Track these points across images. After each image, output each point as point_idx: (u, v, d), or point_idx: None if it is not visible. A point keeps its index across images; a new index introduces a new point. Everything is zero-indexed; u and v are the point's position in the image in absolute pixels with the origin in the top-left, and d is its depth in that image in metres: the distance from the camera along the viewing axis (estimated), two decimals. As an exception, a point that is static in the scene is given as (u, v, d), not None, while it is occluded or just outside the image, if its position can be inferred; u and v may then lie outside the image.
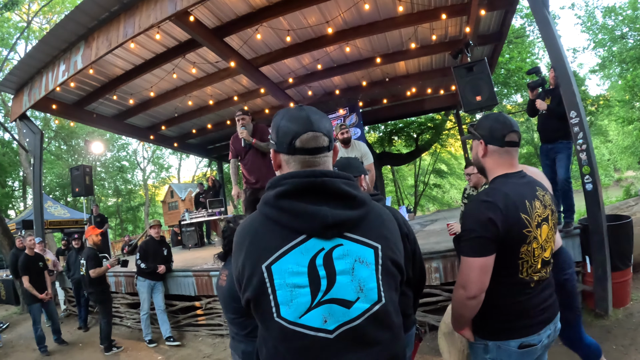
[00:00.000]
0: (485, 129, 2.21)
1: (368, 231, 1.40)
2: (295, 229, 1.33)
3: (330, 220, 1.31)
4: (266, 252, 1.31)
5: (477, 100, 7.06)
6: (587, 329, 5.03)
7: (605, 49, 22.68)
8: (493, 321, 2.12)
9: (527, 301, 2.10)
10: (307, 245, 1.32)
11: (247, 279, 1.33)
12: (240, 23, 8.29)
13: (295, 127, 1.42)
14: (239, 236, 1.42)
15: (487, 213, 1.99)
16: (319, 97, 13.08)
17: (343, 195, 1.38)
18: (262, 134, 6.43)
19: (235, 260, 1.40)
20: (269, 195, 1.38)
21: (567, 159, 5.99)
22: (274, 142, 1.48)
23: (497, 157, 2.20)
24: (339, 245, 1.34)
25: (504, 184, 2.13)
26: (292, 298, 1.29)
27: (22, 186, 30.33)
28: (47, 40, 8.45)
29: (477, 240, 2.00)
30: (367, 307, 1.33)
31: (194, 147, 17.24)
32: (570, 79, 5.61)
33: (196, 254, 10.14)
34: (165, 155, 42.25)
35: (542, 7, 5.74)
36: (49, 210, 17.10)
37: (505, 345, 2.08)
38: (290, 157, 1.44)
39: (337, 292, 1.31)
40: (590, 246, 5.43)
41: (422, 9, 8.59)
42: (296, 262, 1.30)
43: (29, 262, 7.64)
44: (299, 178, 1.37)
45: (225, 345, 6.52)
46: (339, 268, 1.32)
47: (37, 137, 10.26)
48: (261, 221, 1.39)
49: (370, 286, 1.35)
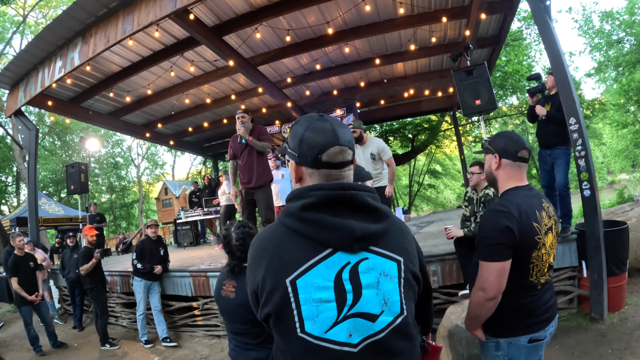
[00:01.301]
0: (500, 145, 2.40)
1: (391, 244, 1.39)
2: (322, 242, 1.29)
3: (359, 233, 1.29)
4: (290, 266, 1.28)
5: (477, 104, 7.05)
6: (582, 333, 5.08)
7: (601, 53, 22.76)
8: (505, 320, 2.29)
9: (534, 302, 2.31)
10: (333, 259, 1.29)
11: (268, 294, 1.29)
12: (239, 22, 8.27)
13: (321, 141, 1.38)
14: (257, 248, 1.38)
15: (504, 222, 2.17)
16: (317, 97, 13.09)
17: (369, 209, 1.37)
18: (259, 133, 6.48)
19: (253, 273, 1.36)
20: (293, 206, 1.34)
21: (566, 165, 6.02)
22: (295, 153, 1.42)
23: (509, 170, 2.39)
24: (364, 259, 1.32)
25: (516, 195, 2.30)
26: (318, 313, 1.26)
27: (16, 182, 30.19)
28: (43, 36, 8.38)
29: (496, 246, 2.18)
30: (391, 320, 1.34)
31: (190, 145, 17.23)
32: (570, 85, 5.63)
33: (192, 253, 10.10)
34: (160, 152, 42.09)
35: (543, 14, 5.76)
36: (43, 207, 16.99)
37: (516, 341, 2.28)
38: (314, 170, 1.40)
39: (363, 306, 1.30)
40: (586, 251, 5.46)
41: (422, 11, 8.61)
42: (322, 276, 1.27)
43: (18, 262, 7.35)
44: (327, 190, 1.32)
45: (222, 346, 6.48)
46: (365, 282, 1.31)
47: (32, 133, 10.20)
48: (284, 233, 1.34)
49: (394, 299, 1.36)
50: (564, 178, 5.97)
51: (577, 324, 5.42)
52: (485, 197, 5.13)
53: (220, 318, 6.84)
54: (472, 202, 5.45)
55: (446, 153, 28.23)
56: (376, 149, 6.83)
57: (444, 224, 9.05)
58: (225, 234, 3.00)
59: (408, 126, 20.53)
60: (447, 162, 29.94)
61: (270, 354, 2.68)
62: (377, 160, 6.84)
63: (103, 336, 7.16)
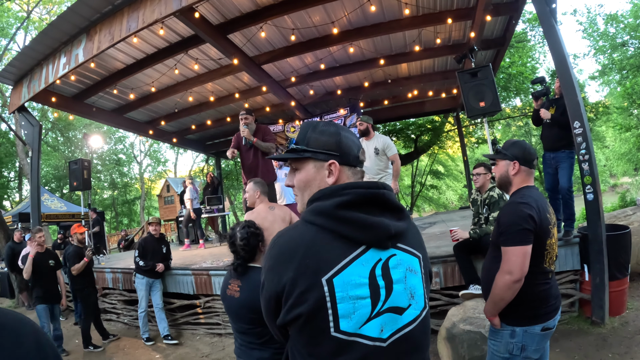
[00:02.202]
0: (519, 153, 2.72)
1: (412, 241, 1.45)
2: (355, 239, 1.31)
3: (393, 231, 1.33)
4: (326, 265, 1.27)
5: (481, 106, 7.03)
6: (583, 336, 5.08)
7: (605, 56, 22.71)
8: (522, 309, 2.54)
9: (548, 290, 2.60)
10: (366, 256, 1.31)
11: (301, 294, 1.26)
12: (244, 20, 8.27)
13: (356, 139, 1.52)
14: (284, 249, 1.35)
15: (526, 210, 2.49)
16: (320, 96, 13.08)
17: (395, 208, 1.42)
18: (264, 134, 6.45)
19: (278, 274, 1.32)
20: (324, 205, 1.33)
21: (570, 169, 6.02)
22: (335, 153, 1.45)
23: (525, 176, 2.74)
24: (393, 255, 1.36)
25: (529, 191, 2.67)
26: (354, 310, 1.26)
27: (18, 177, 30.26)
28: (48, 32, 8.36)
29: (521, 232, 2.47)
30: (417, 314, 1.39)
31: (193, 143, 17.20)
32: (576, 89, 5.63)
33: (194, 251, 10.13)
34: (162, 149, 42.16)
35: (549, 17, 5.75)
36: (46, 203, 17.06)
37: (531, 329, 2.53)
38: (354, 169, 1.48)
39: (394, 301, 1.33)
40: (589, 255, 5.48)
41: (427, 12, 8.60)
42: (358, 273, 1.28)
43: (35, 260, 6.80)
44: (362, 189, 1.35)
45: (223, 344, 6.49)
46: (395, 277, 1.34)
47: (35, 129, 10.20)
48: (315, 232, 1.32)
49: (419, 293, 1.41)
50: (567, 181, 5.97)
51: (578, 327, 5.42)
52: (490, 198, 5.14)
53: (221, 316, 6.85)
54: (476, 204, 5.46)
55: (449, 154, 28.22)
56: (381, 144, 6.85)
57: (446, 225, 9.10)
58: (231, 234, 2.99)
59: (411, 127, 20.53)
60: (449, 163, 29.93)
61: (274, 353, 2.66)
62: (380, 156, 6.86)
63: (85, 338, 7.10)
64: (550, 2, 5.72)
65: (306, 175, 1.49)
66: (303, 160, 1.49)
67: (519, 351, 2.55)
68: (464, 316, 4.74)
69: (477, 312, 4.68)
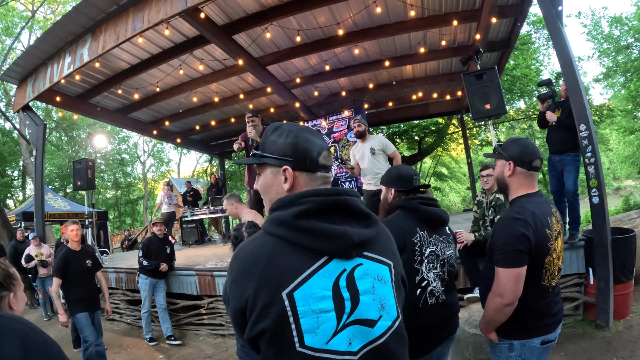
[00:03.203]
0: (515, 152, 2.46)
1: (381, 249, 1.39)
2: (317, 250, 1.24)
3: (357, 239, 1.27)
4: (286, 278, 1.20)
5: (486, 109, 7.02)
6: (588, 340, 5.07)
7: (610, 59, 22.67)
8: (519, 323, 2.37)
9: (546, 304, 2.42)
10: (329, 267, 1.24)
11: (263, 309, 1.19)
12: (249, 21, 8.27)
13: (317, 143, 1.40)
14: (245, 261, 1.27)
15: (520, 229, 2.25)
16: (325, 97, 13.08)
17: (361, 214, 1.36)
18: None
19: (241, 288, 1.24)
20: (283, 215, 1.27)
21: (575, 172, 6.01)
22: (289, 159, 1.38)
23: (522, 178, 2.46)
24: (359, 265, 1.30)
25: (529, 203, 2.39)
26: (318, 325, 1.20)
27: (22, 176, 30.31)
28: (53, 32, 8.37)
29: (513, 253, 2.26)
30: (389, 325, 1.32)
31: (197, 143, 17.22)
32: (582, 92, 5.61)
33: (197, 252, 10.13)
34: (166, 149, 42.19)
35: (555, 20, 5.73)
36: (49, 202, 17.04)
37: (529, 343, 2.39)
38: (312, 175, 1.38)
39: (361, 313, 1.27)
40: (594, 258, 5.47)
41: (433, 14, 8.60)
42: (320, 286, 1.22)
43: (69, 259, 5.67)
44: (322, 196, 1.29)
45: (227, 345, 6.49)
46: (362, 288, 1.28)
47: (39, 129, 10.21)
48: (275, 244, 1.25)
49: (390, 303, 1.35)
50: (573, 184, 5.96)
51: (582, 331, 5.41)
52: (496, 201, 5.12)
53: (225, 317, 6.85)
54: (482, 206, 5.45)
55: (452, 156, 28.17)
56: (377, 143, 6.79)
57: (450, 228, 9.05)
58: (237, 234, 2.95)
59: (415, 129, 20.50)
60: (453, 164, 29.89)
61: None
62: (377, 155, 6.79)
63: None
64: (556, 5, 5.70)
65: (265, 181, 1.46)
66: (262, 166, 1.46)
67: None
68: (469, 319, 4.73)
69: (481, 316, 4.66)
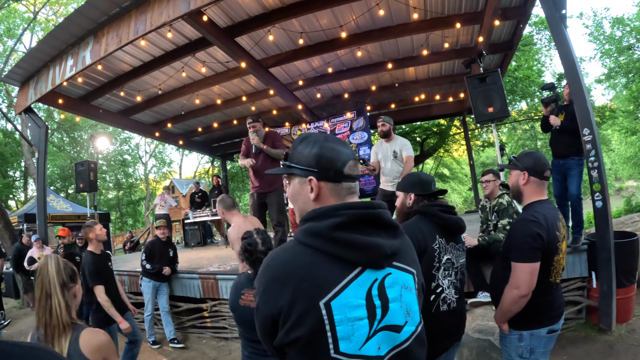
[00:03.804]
0: (530, 164, 2.78)
1: (406, 258, 1.46)
2: (352, 261, 1.29)
3: (388, 250, 1.32)
4: (323, 288, 1.25)
5: (489, 112, 7.01)
6: (591, 344, 5.07)
7: (611, 59, 22.66)
8: (528, 315, 2.66)
9: (551, 300, 2.74)
10: (363, 277, 1.30)
11: (299, 318, 1.24)
12: (252, 23, 8.26)
13: (342, 153, 1.42)
14: (279, 271, 1.31)
15: (535, 229, 2.57)
16: (327, 99, 13.05)
17: (390, 226, 1.40)
18: (273, 140, 6.40)
19: (273, 297, 1.29)
20: (319, 226, 1.31)
21: (579, 176, 6.01)
22: (313, 169, 1.41)
23: (535, 187, 2.79)
24: (388, 274, 1.36)
25: (541, 208, 2.71)
26: (353, 332, 1.26)
27: (24, 177, 30.34)
28: (55, 34, 8.35)
29: (530, 249, 2.56)
30: (413, 330, 1.41)
31: (199, 145, 17.22)
32: (585, 96, 5.61)
33: (200, 254, 10.12)
34: (167, 150, 42.28)
35: (559, 23, 5.72)
36: (51, 204, 17.07)
37: (537, 332, 2.69)
38: (336, 185, 1.41)
39: (390, 319, 1.34)
40: (596, 262, 5.46)
41: (436, 16, 8.58)
42: (355, 295, 1.27)
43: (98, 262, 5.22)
44: (357, 209, 1.33)
45: (230, 349, 6.48)
46: (391, 296, 1.34)
47: (42, 131, 10.18)
48: (310, 254, 1.30)
49: (414, 309, 1.43)
50: (577, 189, 5.96)
51: (585, 334, 5.40)
52: (499, 205, 5.13)
53: (228, 320, 6.83)
54: (485, 210, 5.45)
55: (454, 157, 28.16)
56: (399, 146, 6.71)
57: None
58: (250, 241, 2.89)
59: (417, 130, 20.50)
60: (454, 165, 29.87)
61: None
62: (398, 160, 6.68)
63: None
64: (560, 8, 5.68)
65: (293, 190, 1.50)
66: (291, 175, 1.50)
67: (528, 354, 2.71)
68: (472, 323, 4.73)
69: (485, 320, 4.67)
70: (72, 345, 2.09)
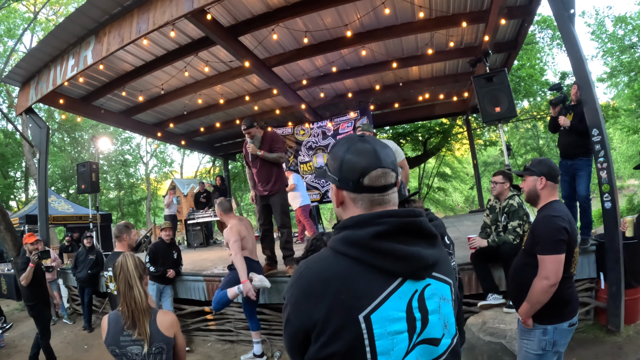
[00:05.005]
0: (545, 170, 3.04)
1: (444, 268, 1.38)
2: (392, 272, 1.22)
3: (430, 261, 1.26)
4: (362, 301, 1.17)
5: (497, 112, 6.96)
6: (599, 345, 5.03)
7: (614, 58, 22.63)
8: (552, 309, 2.85)
9: (572, 292, 2.98)
10: (403, 288, 1.23)
11: (335, 332, 1.16)
12: (256, 22, 8.20)
13: (363, 163, 1.30)
14: (313, 282, 1.23)
15: (561, 223, 2.81)
16: (331, 99, 13.02)
17: (429, 235, 1.32)
18: (271, 142, 6.24)
19: (307, 309, 1.21)
20: (358, 235, 1.23)
21: (588, 177, 5.98)
22: (335, 177, 1.34)
23: (550, 190, 3.05)
24: (428, 285, 1.29)
25: (559, 205, 2.99)
26: (393, 346, 1.19)
27: (25, 177, 30.31)
28: (56, 34, 8.31)
29: (557, 242, 2.79)
30: (450, 342, 1.34)
31: (201, 145, 17.18)
32: (594, 96, 5.57)
33: (203, 255, 10.08)
34: (169, 150, 42.23)
35: (567, 22, 5.66)
36: (53, 205, 16.99)
37: (560, 326, 2.89)
38: (357, 195, 1.31)
39: (429, 332, 1.27)
40: (605, 263, 5.46)
41: (441, 15, 8.54)
42: (396, 307, 1.20)
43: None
44: (399, 218, 1.26)
45: (235, 352, 6.42)
46: (430, 308, 1.28)
47: (43, 131, 10.15)
48: (348, 265, 1.22)
49: (451, 321, 1.36)
50: (586, 190, 5.93)
51: (593, 335, 5.39)
52: (510, 207, 5.11)
53: (233, 323, 6.78)
54: (494, 211, 5.42)
55: (456, 156, 28.13)
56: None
57: (458, 230, 9.01)
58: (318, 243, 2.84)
59: (420, 129, 20.46)
60: (456, 164, 29.83)
61: None
62: None
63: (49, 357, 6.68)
64: (568, 7, 5.62)
65: (331, 194, 1.44)
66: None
67: (551, 346, 2.89)
68: (483, 326, 4.68)
69: (496, 322, 4.62)
70: (152, 326, 2.69)
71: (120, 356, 2.70)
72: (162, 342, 2.70)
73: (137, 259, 2.90)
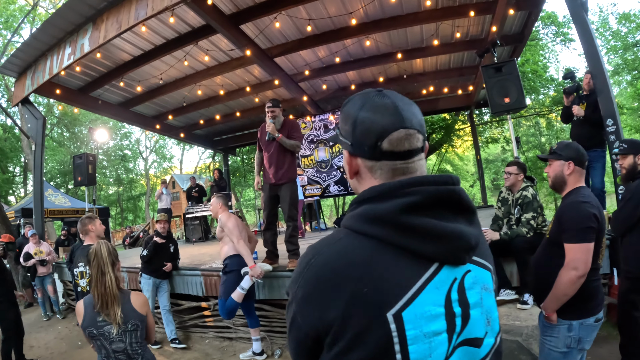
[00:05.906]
0: (573, 154, 2.80)
1: (483, 250, 1.07)
2: (427, 255, 0.93)
3: (473, 241, 0.98)
4: (391, 294, 0.90)
5: (506, 102, 6.76)
6: (614, 342, 4.84)
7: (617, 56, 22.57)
8: (579, 303, 2.64)
9: (598, 285, 2.74)
10: (440, 276, 0.94)
11: (358, 335, 0.89)
12: (258, 10, 8.02)
13: (382, 122, 1.01)
14: (328, 270, 0.95)
15: (590, 210, 2.59)
16: (333, 91, 12.82)
17: (469, 209, 1.03)
18: (290, 129, 5.89)
19: (319, 307, 0.94)
20: (381, 208, 0.95)
21: (602, 169, 5.84)
22: (347, 141, 1.06)
23: (578, 175, 2.82)
24: (468, 272, 1.00)
25: (587, 191, 2.77)
26: (430, 352, 0.91)
27: (23, 172, 30.39)
28: (52, 21, 8.15)
29: (587, 229, 2.57)
30: (493, 342, 1.03)
31: (200, 138, 16.98)
32: (609, 86, 5.42)
33: (202, 249, 9.90)
34: (168, 145, 42.27)
35: (580, 10, 5.50)
36: (49, 198, 16.90)
37: (586, 322, 2.67)
38: (374, 163, 1.03)
39: (471, 331, 0.98)
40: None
41: (447, 5, 8.39)
42: (433, 301, 0.92)
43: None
44: (435, 185, 0.96)
45: (234, 349, 6.21)
46: (472, 300, 0.99)
47: (39, 122, 9.99)
48: (371, 248, 0.94)
49: (494, 316, 1.05)
50: (600, 182, 5.77)
51: (607, 333, 5.18)
52: (523, 199, 4.96)
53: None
54: (507, 203, 5.26)
55: (457, 153, 28.07)
56: None
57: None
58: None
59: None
60: (457, 161, 29.77)
61: None
62: None
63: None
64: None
65: (344, 161, 1.13)
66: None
67: (576, 344, 2.68)
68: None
69: (511, 319, 4.45)
70: (126, 305, 2.88)
71: (98, 336, 2.84)
72: (137, 319, 2.91)
73: (111, 245, 3.08)
